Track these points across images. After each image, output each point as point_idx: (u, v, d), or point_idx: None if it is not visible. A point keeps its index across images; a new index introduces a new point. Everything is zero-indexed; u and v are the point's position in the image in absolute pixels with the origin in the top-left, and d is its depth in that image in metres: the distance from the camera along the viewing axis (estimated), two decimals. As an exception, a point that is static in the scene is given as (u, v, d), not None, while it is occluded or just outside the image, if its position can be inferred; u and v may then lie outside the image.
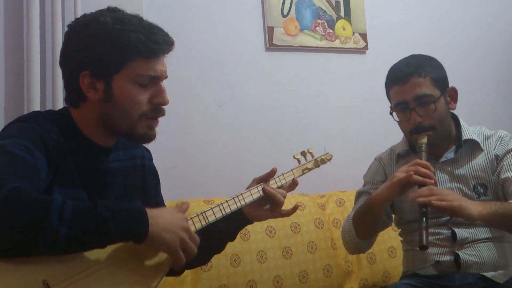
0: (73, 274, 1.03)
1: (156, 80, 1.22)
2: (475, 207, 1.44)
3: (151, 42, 1.18)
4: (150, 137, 1.26)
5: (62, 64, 1.24)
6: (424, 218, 1.42)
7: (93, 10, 1.26)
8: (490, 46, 3.08)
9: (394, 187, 1.50)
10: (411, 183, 1.50)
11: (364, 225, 1.63)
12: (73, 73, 1.20)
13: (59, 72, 1.92)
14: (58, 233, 0.94)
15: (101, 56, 1.17)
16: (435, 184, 1.49)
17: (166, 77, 1.26)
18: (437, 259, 1.59)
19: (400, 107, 1.63)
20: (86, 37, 1.18)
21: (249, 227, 2.01)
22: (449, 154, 1.67)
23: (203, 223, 1.26)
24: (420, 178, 1.47)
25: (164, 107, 1.26)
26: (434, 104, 1.58)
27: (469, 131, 1.67)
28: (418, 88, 1.58)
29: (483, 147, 1.65)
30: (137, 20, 1.20)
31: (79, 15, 1.95)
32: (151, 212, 1.06)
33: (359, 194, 1.78)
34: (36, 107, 1.89)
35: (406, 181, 1.49)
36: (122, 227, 1.01)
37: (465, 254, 1.56)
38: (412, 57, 1.67)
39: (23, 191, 0.95)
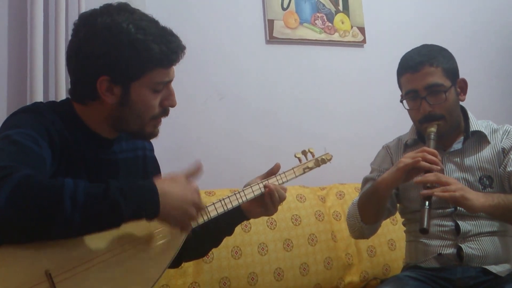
0: (76, 265, 1.04)
1: (168, 84, 1.25)
2: (477, 198, 1.44)
3: (171, 52, 1.20)
4: (155, 135, 1.31)
5: (76, 62, 1.22)
6: (427, 202, 1.43)
7: (96, 3, 1.25)
8: (491, 40, 3.08)
9: (400, 173, 1.51)
10: (417, 170, 1.50)
11: (368, 210, 1.64)
12: (90, 76, 1.19)
13: (61, 65, 1.93)
14: (72, 218, 0.96)
15: (122, 64, 1.17)
16: (442, 171, 1.50)
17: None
18: (440, 252, 1.60)
19: (410, 96, 1.63)
20: (108, 44, 1.16)
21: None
22: (457, 145, 1.68)
23: (205, 218, 1.29)
24: (427, 164, 1.48)
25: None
26: (445, 94, 1.59)
27: (477, 123, 1.68)
28: (429, 77, 1.58)
29: (490, 140, 1.66)
30: (155, 27, 1.21)
31: (82, 8, 1.95)
32: (163, 188, 1.08)
33: (365, 181, 1.78)
34: (39, 99, 1.88)
35: (412, 167, 1.49)
36: (134, 209, 1.03)
37: (468, 247, 1.57)
38: (424, 46, 1.67)
39: (34, 177, 0.96)
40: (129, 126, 1.25)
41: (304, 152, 1.52)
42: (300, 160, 1.51)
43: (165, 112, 1.27)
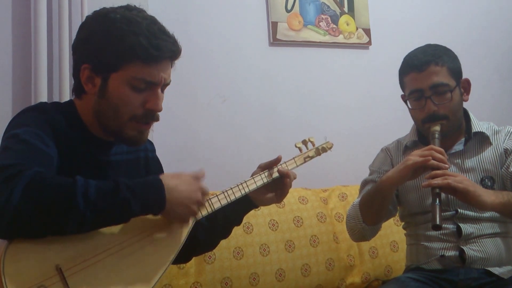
0: (86, 259, 1.06)
1: (153, 85, 1.21)
2: (488, 196, 1.44)
3: (152, 47, 1.16)
4: (138, 141, 1.26)
5: (72, 52, 1.26)
6: (437, 199, 1.42)
7: (99, 3, 1.27)
8: (494, 41, 3.07)
9: (407, 170, 1.50)
10: (423, 168, 1.50)
11: (371, 210, 1.63)
12: (77, 64, 1.22)
13: (65, 65, 1.96)
14: (84, 215, 0.99)
15: (100, 53, 1.18)
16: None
17: (167, 84, 1.25)
18: (442, 254, 1.59)
19: (415, 95, 1.62)
20: (91, 31, 1.19)
21: (252, 220, 2.03)
22: (458, 146, 1.67)
23: (209, 210, 1.29)
24: (435, 162, 1.47)
25: (166, 103, 1.26)
26: (451, 94, 1.58)
27: (478, 125, 1.68)
28: (435, 76, 1.58)
29: (492, 141, 1.65)
30: (147, 23, 1.18)
31: (85, 8, 1.98)
32: (169, 184, 1.12)
33: (364, 183, 1.77)
34: (43, 100, 1.90)
35: (421, 165, 1.48)
36: (142, 205, 1.07)
37: (470, 250, 1.56)
38: (429, 46, 1.66)
39: (45, 174, 0.99)
40: (108, 123, 1.22)
41: (304, 142, 1.52)
42: (300, 149, 1.51)
43: (149, 117, 1.22)
